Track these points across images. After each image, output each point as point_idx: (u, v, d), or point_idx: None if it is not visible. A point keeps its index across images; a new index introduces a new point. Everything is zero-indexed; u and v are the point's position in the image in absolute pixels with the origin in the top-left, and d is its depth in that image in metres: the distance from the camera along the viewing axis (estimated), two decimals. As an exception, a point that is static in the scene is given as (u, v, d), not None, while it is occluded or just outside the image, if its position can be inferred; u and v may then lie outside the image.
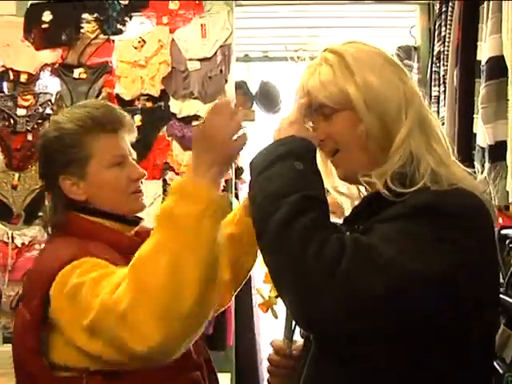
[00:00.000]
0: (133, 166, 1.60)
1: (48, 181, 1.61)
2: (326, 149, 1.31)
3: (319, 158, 1.35)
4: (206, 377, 1.53)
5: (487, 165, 2.17)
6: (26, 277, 1.56)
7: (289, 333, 1.38)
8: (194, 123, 3.70)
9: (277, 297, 1.35)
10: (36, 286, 1.40)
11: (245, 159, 4.24)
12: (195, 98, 3.72)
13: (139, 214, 1.65)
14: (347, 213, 1.37)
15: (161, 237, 1.24)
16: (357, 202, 1.33)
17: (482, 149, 2.25)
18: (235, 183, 3.95)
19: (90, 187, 1.55)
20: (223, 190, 3.69)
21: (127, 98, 3.67)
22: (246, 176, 4.36)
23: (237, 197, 4.04)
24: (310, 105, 1.29)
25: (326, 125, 1.28)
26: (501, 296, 1.79)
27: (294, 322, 1.36)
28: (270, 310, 1.42)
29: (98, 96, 3.67)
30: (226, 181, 3.72)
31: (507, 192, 2.02)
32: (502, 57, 2.07)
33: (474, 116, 2.40)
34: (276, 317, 1.41)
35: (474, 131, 2.40)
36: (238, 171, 4.09)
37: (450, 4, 2.75)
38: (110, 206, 1.56)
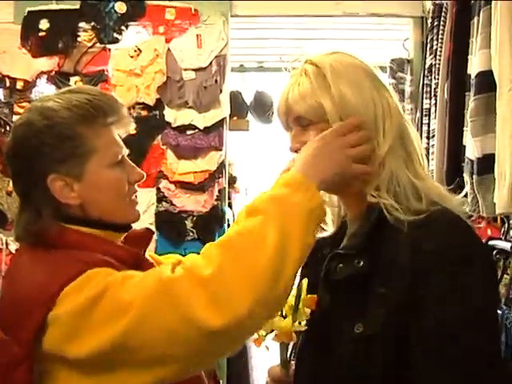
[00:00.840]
0: (132, 167, 1.36)
1: (29, 181, 1.28)
2: None
3: None
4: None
5: (475, 177, 2.20)
6: (4, 300, 1.26)
7: (284, 362, 1.35)
8: (189, 132, 3.74)
9: (266, 335, 1.33)
10: (27, 310, 1.16)
11: (238, 168, 4.28)
12: (190, 108, 3.75)
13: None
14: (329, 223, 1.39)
15: (268, 217, 1.11)
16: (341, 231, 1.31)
17: (471, 161, 2.28)
18: (229, 192, 3.98)
19: (85, 190, 1.27)
20: (216, 199, 3.73)
21: (122, 106, 3.68)
22: (240, 185, 4.39)
23: (230, 206, 4.07)
24: (288, 114, 1.29)
25: (303, 135, 1.27)
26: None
27: (289, 350, 1.36)
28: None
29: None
30: (219, 190, 3.75)
31: (494, 204, 2.04)
32: (491, 71, 2.10)
33: (464, 129, 2.43)
34: (268, 350, 1.39)
35: (464, 143, 2.43)
36: (232, 180, 4.12)
37: (442, 18, 2.79)
38: (106, 212, 1.31)
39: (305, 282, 1.28)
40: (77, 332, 1.13)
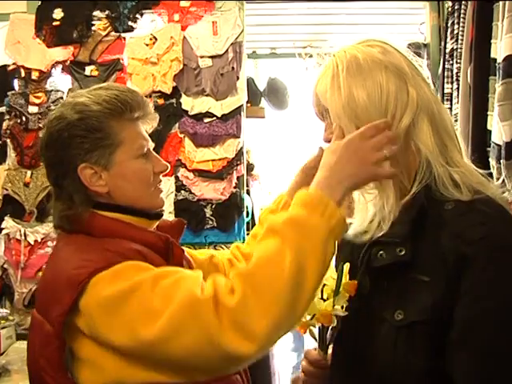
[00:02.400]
0: (157, 158, 1.46)
1: (62, 170, 1.38)
2: None
3: None
4: (245, 378, 1.49)
5: (503, 161, 2.19)
6: (41, 282, 1.40)
7: (323, 344, 1.36)
8: (206, 120, 3.73)
9: (311, 319, 1.34)
10: (58, 294, 1.24)
11: (256, 155, 4.28)
12: (207, 95, 3.74)
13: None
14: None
15: (286, 241, 1.13)
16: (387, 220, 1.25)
17: (498, 146, 2.27)
18: (247, 180, 3.97)
19: (113, 179, 1.37)
20: (235, 187, 3.72)
21: (139, 95, 3.66)
22: (258, 172, 4.39)
23: (248, 193, 4.06)
24: (317, 106, 1.29)
25: (332, 126, 1.27)
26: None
27: (328, 333, 1.37)
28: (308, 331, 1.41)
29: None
30: (237, 177, 3.75)
31: (524, 188, 2.04)
32: (520, 55, 2.10)
33: (489, 113, 2.42)
34: (314, 338, 1.40)
35: (489, 128, 2.42)
36: (249, 167, 4.11)
37: (463, 2, 2.76)
38: (132, 200, 1.40)
39: (346, 266, 1.28)
40: (103, 325, 1.20)
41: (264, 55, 4.75)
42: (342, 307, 1.26)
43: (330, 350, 1.41)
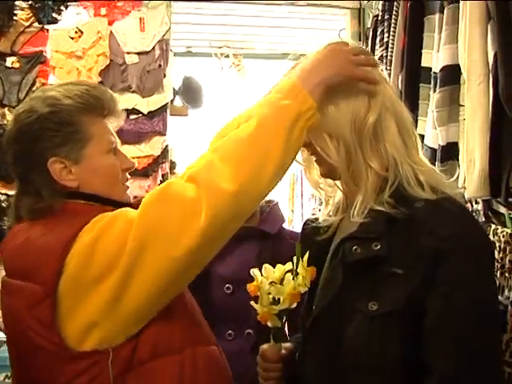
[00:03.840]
0: (124, 156, 1.47)
1: (30, 164, 1.37)
2: (310, 150, 1.38)
3: (304, 155, 1.45)
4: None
5: (438, 164, 2.35)
6: (19, 251, 1.35)
7: (278, 335, 1.43)
8: (132, 117, 3.70)
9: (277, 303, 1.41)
10: (44, 257, 1.25)
11: (178, 154, 4.27)
12: (133, 92, 3.72)
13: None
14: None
15: (255, 117, 1.25)
16: (365, 219, 1.31)
17: (431, 149, 2.44)
18: (170, 178, 3.97)
19: (82, 173, 1.37)
20: (160, 185, 3.71)
21: (63, 89, 3.56)
22: (180, 170, 4.38)
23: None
24: None
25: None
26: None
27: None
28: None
29: (32, 86, 3.56)
30: (162, 175, 3.75)
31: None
32: (455, 65, 2.27)
33: (420, 118, 2.58)
34: (277, 327, 1.46)
35: (420, 132, 2.58)
36: (172, 166, 4.10)
37: (394, 12, 2.94)
38: (100, 195, 1.40)
39: (306, 255, 1.36)
40: (98, 268, 1.23)
41: (180, 53, 4.74)
42: (305, 284, 1.35)
43: (284, 344, 1.47)
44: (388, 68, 2.96)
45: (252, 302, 1.40)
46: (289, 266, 1.38)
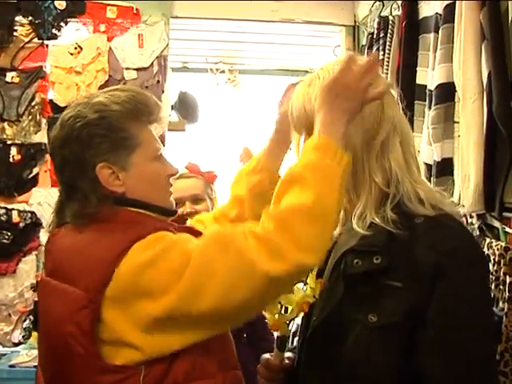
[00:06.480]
0: (168, 162, 1.47)
1: (78, 169, 1.36)
2: None
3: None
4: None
5: (433, 179, 2.41)
6: (67, 254, 1.36)
7: (281, 344, 1.45)
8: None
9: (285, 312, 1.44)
10: (93, 264, 1.26)
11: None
12: (132, 107, 3.73)
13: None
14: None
15: (307, 186, 1.22)
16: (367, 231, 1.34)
17: (426, 165, 2.49)
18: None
19: (129, 179, 1.37)
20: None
21: (62, 104, 3.59)
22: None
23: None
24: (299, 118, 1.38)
25: None
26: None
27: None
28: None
29: (31, 101, 3.60)
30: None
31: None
32: (450, 83, 2.33)
33: (415, 135, 2.63)
34: (287, 335, 1.49)
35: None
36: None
37: (389, 31, 3.01)
38: (147, 201, 1.41)
39: (314, 270, 1.38)
40: (149, 287, 1.23)
41: (176, 69, 4.79)
42: (314, 297, 1.37)
43: (286, 354, 1.49)
44: (383, 85, 3.02)
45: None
46: None
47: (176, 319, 1.23)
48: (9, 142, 3.59)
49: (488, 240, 2.18)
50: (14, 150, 3.59)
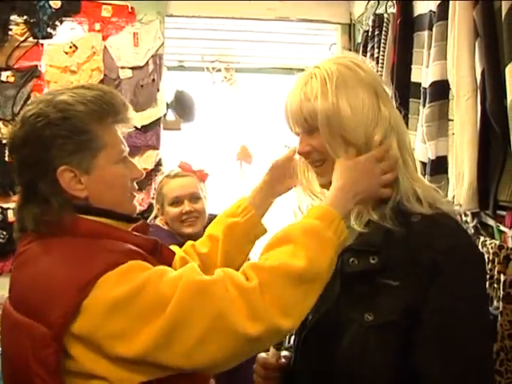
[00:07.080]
0: (133, 164, 1.42)
1: (38, 171, 1.30)
2: (310, 159, 1.40)
3: (301, 165, 1.48)
4: None
5: (428, 177, 2.41)
6: (26, 284, 1.27)
7: (278, 343, 1.44)
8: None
9: None
10: (56, 297, 1.17)
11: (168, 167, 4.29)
12: (127, 106, 3.72)
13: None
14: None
15: (302, 248, 1.21)
16: (364, 229, 1.34)
17: (421, 163, 2.48)
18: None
19: (92, 183, 1.31)
20: (153, 198, 3.73)
21: (57, 103, 3.58)
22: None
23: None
24: (294, 117, 1.36)
25: (310, 138, 1.36)
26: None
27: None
28: None
29: (26, 100, 3.58)
30: (155, 188, 3.76)
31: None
32: (444, 81, 2.33)
33: (409, 133, 2.63)
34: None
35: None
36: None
37: (384, 29, 3.00)
38: (110, 205, 1.35)
39: None
40: (121, 330, 1.16)
41: (172, 67, 4.78)
42: None
43: (282, 353, 1.49)
44: (378, 83, 3.01)
45: None
46: None
47: (145, 361, 1.18)
48: (4, 142, 3.57)
49: (482, 238, 2.17)
50: (9, 150, 3.56)
